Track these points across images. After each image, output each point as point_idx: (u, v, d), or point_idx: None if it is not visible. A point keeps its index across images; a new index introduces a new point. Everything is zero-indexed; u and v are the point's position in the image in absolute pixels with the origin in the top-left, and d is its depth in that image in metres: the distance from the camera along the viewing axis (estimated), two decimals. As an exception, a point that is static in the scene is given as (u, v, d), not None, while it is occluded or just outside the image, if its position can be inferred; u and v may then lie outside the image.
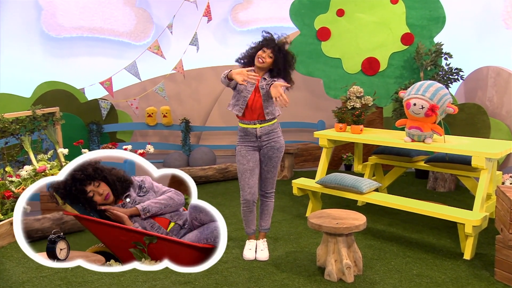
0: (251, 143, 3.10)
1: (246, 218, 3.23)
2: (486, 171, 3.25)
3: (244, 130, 3.10)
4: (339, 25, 5.38)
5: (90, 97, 6.21)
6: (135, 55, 6.24)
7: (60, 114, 5.11)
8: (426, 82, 3.49)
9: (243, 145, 3.12)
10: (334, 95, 5.49)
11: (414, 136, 3.55)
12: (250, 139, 3.10)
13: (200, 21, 6.23)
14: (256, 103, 3.03)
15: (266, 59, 3.01)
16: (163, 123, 6.44)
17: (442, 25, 5.22)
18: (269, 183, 3.21)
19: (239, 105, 3.04)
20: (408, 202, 3.50)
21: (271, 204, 3.28)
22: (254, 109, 3.03)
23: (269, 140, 3.10)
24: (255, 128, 3.06)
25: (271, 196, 3.26)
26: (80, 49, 6.50)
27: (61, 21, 6.36)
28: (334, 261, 2.87)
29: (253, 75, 2.90)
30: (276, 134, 3.12)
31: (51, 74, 6.18)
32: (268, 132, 3.08)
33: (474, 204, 3.26)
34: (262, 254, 3.21)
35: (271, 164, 3.15)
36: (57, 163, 4.73)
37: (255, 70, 3.07)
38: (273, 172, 3.18)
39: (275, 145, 3.11)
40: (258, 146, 3.11)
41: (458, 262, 3.13)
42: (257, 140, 3.09)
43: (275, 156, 3.13)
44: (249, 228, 3.26)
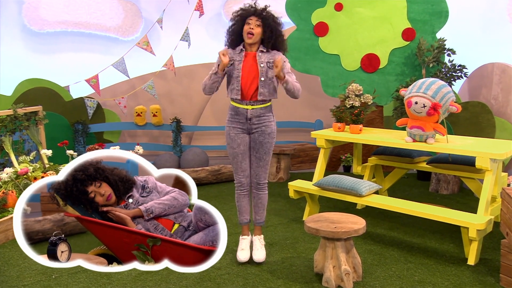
0: (240, 125, 3.07)
1: (240, 203, 3.22)
2: (490, 173, 3.27)
3: (235, 109, 3.07)
4: (337, 20, 5.39)
5: (75, 95, 6.18)
6: (123, 51, 6.21)
7: (43, 113, 5.07)
8: (428, 80, 3.50)
9: (232, 126, 3.09)
10: (332, 93, 5.50)
11: (415, 136, 3.56)
12: (239, 119, 3.07)
13: (191, 16, 6.22)
14: (251, 82, 3.00)
15: (255, 30, 2.96)
16: (153, 122, 6.42)
17: (445, 20, 5.24)
18: (261, 172, 3.15)
19: (235, 87, 3.01)
20: (409, 205, 3.51)
21: (264, 196, 3.25)
22: (248, 88, 3.00)
23: (259, 124, 3.06)
24: (246, 109, 3.03)
25: (264, 187, 3.22)
26: (64, 45, 6.47)
27: (44, 15, 6.32)
28: (332, 267, 2.87)
29: (221, 52, 2.90)
30: (267, 118, 3.08)
31: (34, 71, 6.14)
32: (259, 115, 3.05)
33: (479, 207, 3.28)
34: (258, 255, 3.18)
35: (262, 150, 3.10)
36: (40, 165, 4.70)
37: (246, 48, 3.04)
38: (265, 160, 3.12)
39: (266, 130, 3.07)
40: (247, 128, 3.08)
41: (461, 268, 3.14)
42: (246, 122, 3.06)
43: (266, 141, 3.09)
44: (243, 216, 3.26)
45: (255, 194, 3.26)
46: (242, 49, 3.04)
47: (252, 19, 2.96)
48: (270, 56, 3.02)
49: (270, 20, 2.99)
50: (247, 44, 3.04)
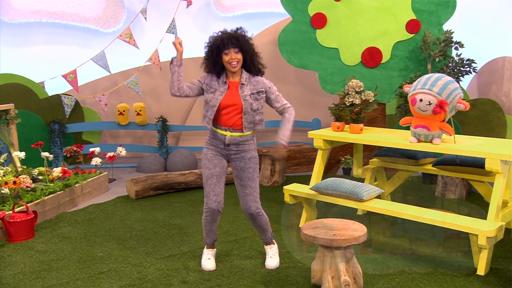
0: (219, 149, 3.18)
1: (208, 228, 3.27)
2: (501, 175, 3.29)
3: (213, 132, 3.18)
4: (336, 11, 5.41)
5: (51, 92, 6.15)
6: (104, 44, 6.19)
7: (15, 111, 5.04)
8: (434, 75, 3.52)
9: (210, 148, 3.19)
10: (331, 90, 5.52)
11: (420, 136, 3.58)
12: (218, 144, 3.17)
13: (178, 6, 6.21)
14: (233, 113, 3.09)
15: (238, 57, 3.06)
16: (137, 122, 6.40)
17: (452, 10, 5.28)
18: (249, 201, 3.17)
19: (208, 116, 3.12)
20: (414, 211, 3.52)
21: (262, 221, 3.28)
22: (229, 117, 3.10)
23: (238, 150, 3.16)
24: (225, 135, 3.13)
25: (259, 215, 3.24)
26: (38, 37, 6.44)
27: (16, 4, 6.29)
28: (331, 278, 2.87)
29: (177, 41, 3.10)
30: (247, 146, 3.17)
31: (5, 66, 6.10)
32: (237, 143, 3.14)
33: (488, 213, 3.29)
34: (271, 262, 3.30)
35: (245, 176, 3.16)
36: (12, 168, 4.66)
37: (228, 75, 3.13)
38: (251, 187, 3.17)
39: (246, 155, 3.16)
40: (226, 154, 3.19)
41: (470, 279, 3.16)
42: (224, 147, 3.16)
43: (248, 167, 3.16)
44: (209, 238, 3.33)
45: (252, 221, 3.30)
46: (225, 81, 3.13)
47: (230, 50, 3.05)
48: (252, 86, 3.13)
49: (246, 43, 3.09)
50: (229, 72, 3.14)
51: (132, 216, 4.43)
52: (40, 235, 3.93)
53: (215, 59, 3.08)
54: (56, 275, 3.19)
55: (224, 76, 3.13)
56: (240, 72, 3.14)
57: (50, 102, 6.05)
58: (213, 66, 3.11)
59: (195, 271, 3.24)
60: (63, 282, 3.09)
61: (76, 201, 4.75)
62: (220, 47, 3.05)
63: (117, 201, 4.90)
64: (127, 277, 3.15)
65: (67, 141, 6.09)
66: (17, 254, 3.55)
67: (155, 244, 3.74)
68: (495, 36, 5.95)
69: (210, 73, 3.16)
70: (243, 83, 3.12)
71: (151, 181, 5.08)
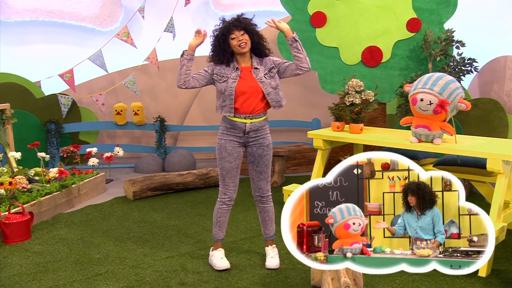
0: (237, 138, 3.20)
1: (222, 218, 3.32)
2: (503, 176, 3.29)
3: (230, 122, 3.18)
4: (336, 10, 5.41)
5: (48, 92, 6.14)
6: (101, 43, 6.19)
7: (11, 111, 5.04)
8: (435, 75, 3.52)
9: (228, 139, 3.20)
10: (331, 89, 5.52)
11: (421, 136, 3.58)
12: (236, 133, 3.19)
13: (176, 4, 6.21)
14: (251, 98, 3.11)
15: (245, 38, 3.09)
16: (134, 122, 6.40)
17: (454, 9, 5.28)
18: (263, 185, 3.30)
19: (227, 105, 3.13)
20: (415, 212, 3.52)
21: (271, 208, 3.38)
22: (248, 104, 3.12)
23: (257, 137, 3.22)
24: (245, 123, 3.15)
25: (269, 199, 3.35)
26: (35, 36, 6.43)
27: (12, 2, 6.28)
28: (331, 280, 2.87)
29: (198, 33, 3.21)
30: (264, 131, 3.25)
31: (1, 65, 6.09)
32: (257, 129, 3.19)
33: (490, 213, 3.30)
34: (272, 261, 3.32)
35: (262, 163, 3.26)
36: (8, 169, 4.66)
37: (238, 61, 3.16)
38: (266, 172, 3.29)
39: (264, 142, 3.24)
40: (243, 142, 3.22)
41: (472, 280, 3.16)
42: (244, 136, 3.19)
43: (266, 154, 3.25)
44: (222, 232, 3.35)
45: (260, 209, 3.36)
46: (237, 67, 3.14)
47: (235, 33, 3.08)
48: (263, 67, 3.17)
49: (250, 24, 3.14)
50: (239, 58, 3.15)
51: (130, 217, 4.43)
52: (36, 236, 3.93)
53: (223, 48, 3.11)
54: (52, 277, 3.19)
55: (234, 63, 3.15)
56: (250, 56, 3.17)
57: (46, 101, 6.05)
58: (222, 55, 3.12)
59: (193, 273, 3.24)
60: (60, 284, 3.09)
61: (73, 202, 4.74)
62: (225, 34, 3.09)
63: (114, 202, 4.90)
64: (125, 279, 3.16)
65: (64, 141, 6.08)
66: (13, 255, 3.55)
67: (153, 245, 3.74)
68: (497, 34, 5.96)
69: (220, 63, 3.16)
70: (256, 67, 3.15)
71: (149, 181, 5.08)
